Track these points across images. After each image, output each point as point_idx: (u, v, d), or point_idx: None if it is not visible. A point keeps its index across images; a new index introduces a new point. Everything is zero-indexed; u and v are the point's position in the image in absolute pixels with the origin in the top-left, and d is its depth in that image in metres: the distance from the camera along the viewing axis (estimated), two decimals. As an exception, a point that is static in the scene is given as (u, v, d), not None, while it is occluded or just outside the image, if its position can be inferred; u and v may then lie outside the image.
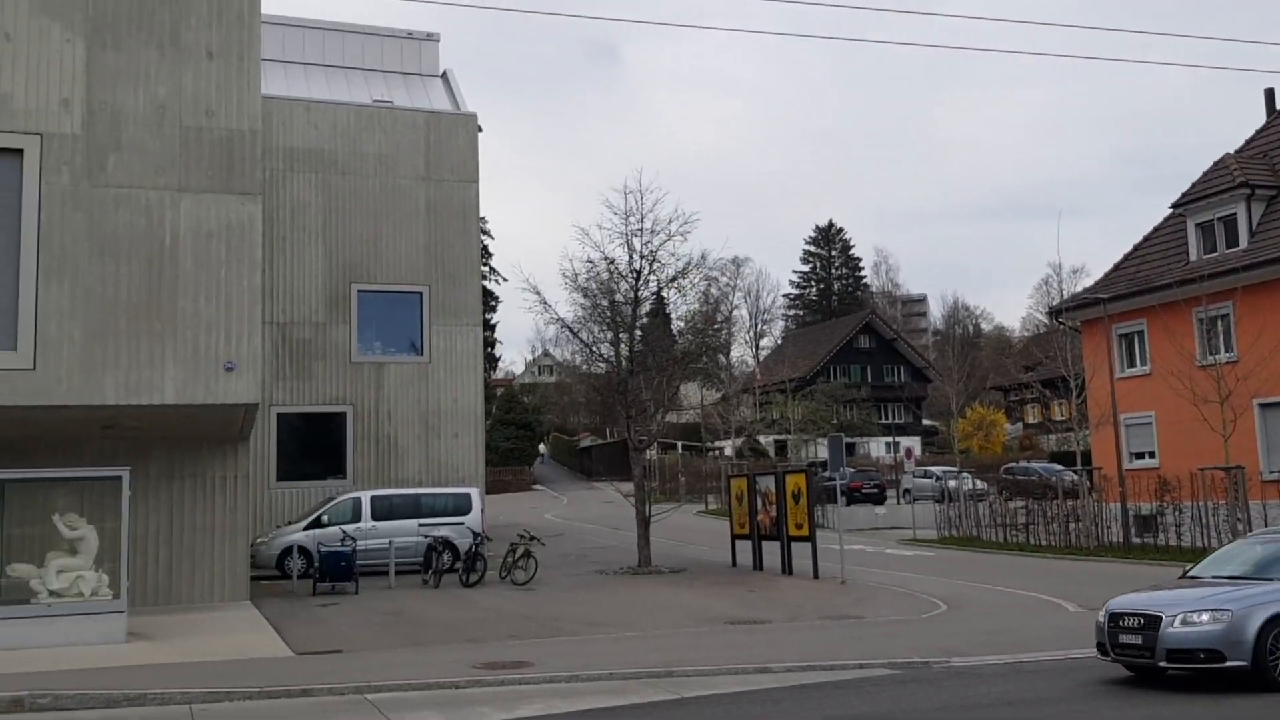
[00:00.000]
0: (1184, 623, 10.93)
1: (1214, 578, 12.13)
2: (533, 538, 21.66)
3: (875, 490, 44.88)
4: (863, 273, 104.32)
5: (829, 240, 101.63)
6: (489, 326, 66.15)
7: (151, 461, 18.15)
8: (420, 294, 28.33)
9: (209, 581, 18.39)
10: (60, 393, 15.59)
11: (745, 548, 24.23)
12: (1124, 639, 11.37)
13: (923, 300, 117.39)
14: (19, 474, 14.34)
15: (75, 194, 16.03)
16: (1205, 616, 10.86)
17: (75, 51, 16.33)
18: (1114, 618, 11.56)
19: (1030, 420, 73.41)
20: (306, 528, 23.11)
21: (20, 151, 15.93)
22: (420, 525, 23.25)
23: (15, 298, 15.65)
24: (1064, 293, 51.82)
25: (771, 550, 23.13)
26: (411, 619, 16.74)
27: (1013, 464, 50.22)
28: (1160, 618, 11.05)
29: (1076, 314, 32.82)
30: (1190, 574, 12.73)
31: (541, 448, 76.97)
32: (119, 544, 14.10)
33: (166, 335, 16.16)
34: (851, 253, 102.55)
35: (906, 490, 45.21)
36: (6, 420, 16.10)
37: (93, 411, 16.04)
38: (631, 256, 24.48)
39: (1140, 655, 11.21)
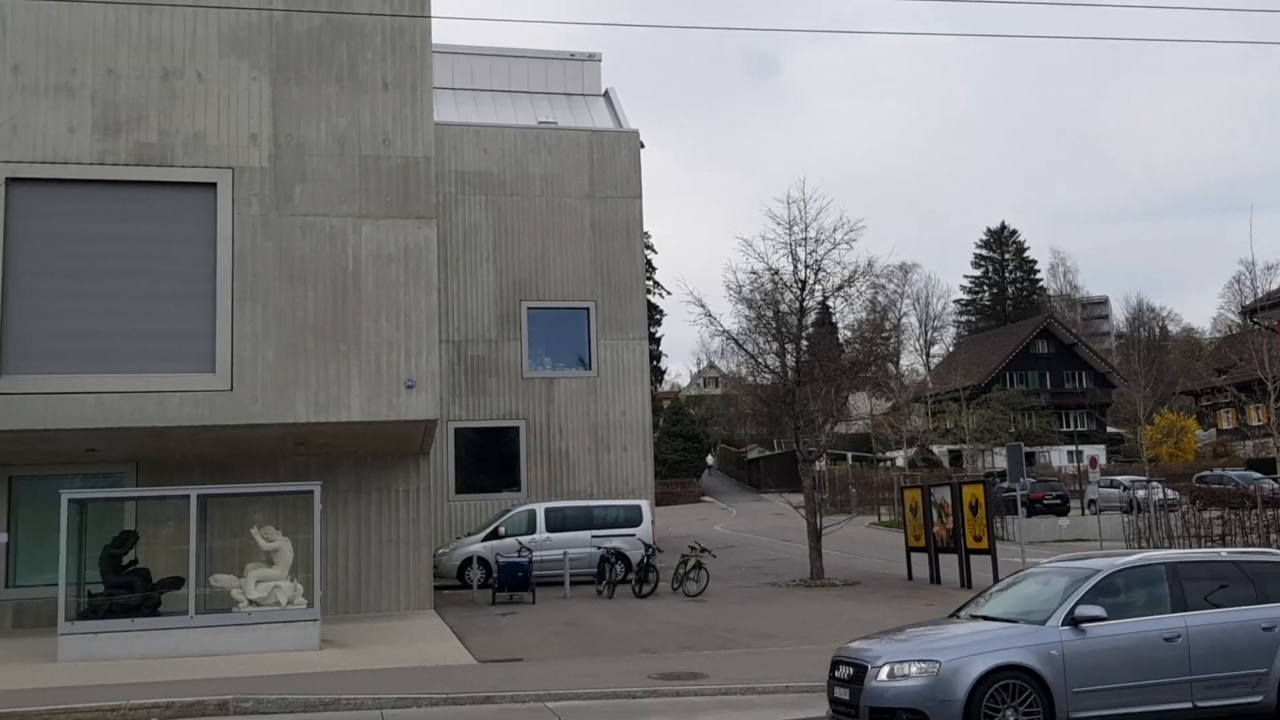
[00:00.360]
0: (890, 675, 9.09)
1: (980, 616, 10.16)
2: (703, 549, 21.67)
3: (1058, 501, 43.10)
4: (1038, 275, 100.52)
5: (1001, 243, 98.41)
6: (654, 340, 66.64)
7: (340, 476, 18.99)
8: (587, 310, 28.82)
9: (395, 591, 19.10)
10: (255, 411, 16.49)
11: (921, 560, 23.63)
12: (837, 692, 9.57)
13: (1104, 302, 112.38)
14: (220, 489, 15.23)
15: (265, 223, 16.96)
16: (913, 668, 9.03)
17: (261, 89, 17.29)
18: (833, 665, 9.79)
19: (1224, 426, 69.29)
20: (485, 539, 23.74)
21: (214, 185, 16.96)
22: (593, 537, 23.58)
23: (213, 322, 16.65)
24: (1258, 291, 48.77)
25: (949, 563, 22.49)
26: (587, 629, 16.97)
27: (1206, 472, 47.52)
28: (867, 668, 9.25)
29: (1273, 313, 30.83)
30: (962, 611, 10.65)
31: (709, 459, 76.98)
32: (312, 555, 14.79)
33: (351, 355, 16.91)
34: (1026, 255, 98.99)
35: (1091, 501, 43.28)
36: (207, 438, 17.13)
37: (286, 429, 16.90)
38: (796, 266, 24.30)
39: (847, 713, 9.39)
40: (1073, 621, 9.32)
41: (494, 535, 23.82)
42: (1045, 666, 9.04)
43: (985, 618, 10.05)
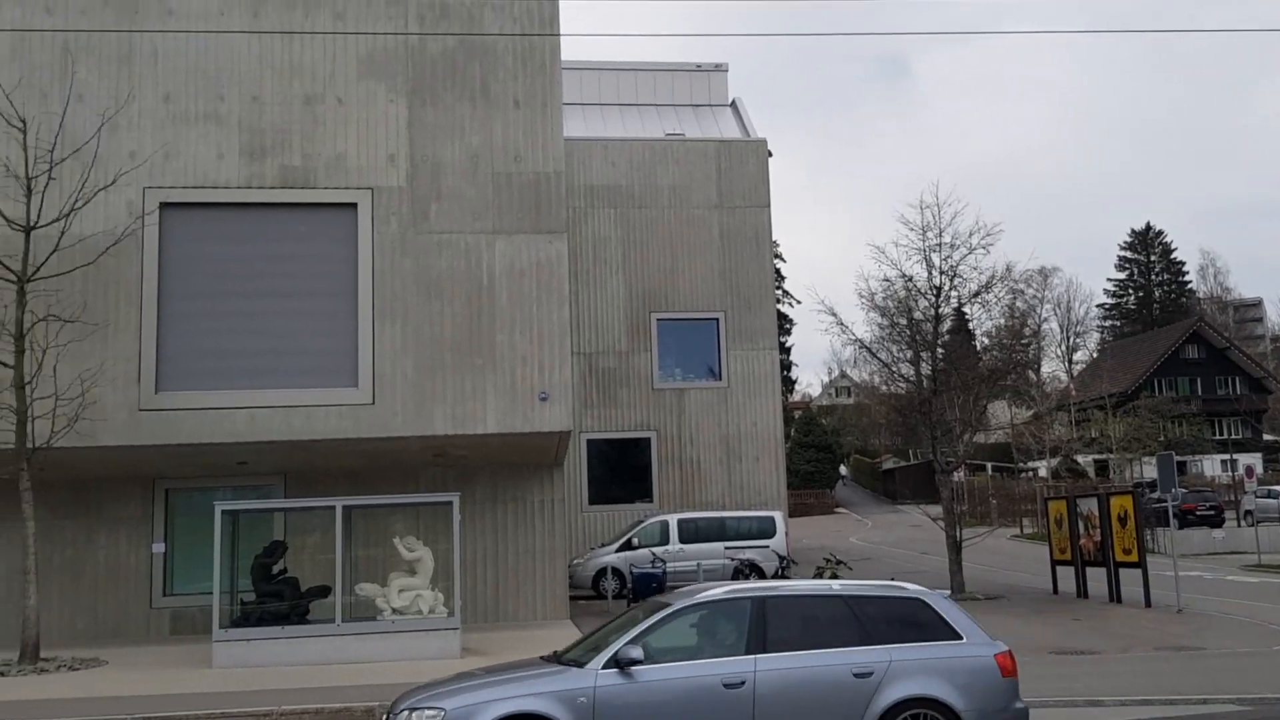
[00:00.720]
0: None
1: (563, 658, 8.82)
2: (839, 561, 21.32)
3: (1212, 512, 41.13)
4: (1187, 277, 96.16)
5: (1147, 244, 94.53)
6: (784, 350, 66.14)
7: (477, 487, 19.33)
8: (716, 320, 28.79)
9: (532, 600, 19.33)
10: (396, 425, 16.92)
11: (1066, 574, 22.79)
12: None
13: (1258, 304, 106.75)
14: (363, 500, 15.66)
15: (403, 241, 17.40)
16: (423, 715, 7.94)
17: (398, 111, 17.76)
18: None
19: (1397, 432, 65.04)
20: (618, 550, 23.86)
21: (354, 205, 17.48)
22: (726, 548, 23.47)
23: (355, 339, 17.15)
24: None
25: (1096, 576, 21.62)
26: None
27: (1375, 481, 44.70)
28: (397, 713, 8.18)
29: None
30: (569, 650, 9.13)
31: (842, 470, 75.93)
32: (451, 564, 15.06)
33: (487, 369, 17.20)
34: (1173, 256, 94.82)
35: (1248, 511, 41.17)
36: (350, 451, 17.64)
37: (425, 441, 17.29)
38: (931, 272, 23.78)
39: None
40: (616, 664, 8.15)
41: (627, 546, 23.92)
42: (568, 715, 7.90)
43: (563, 659, 8.78)
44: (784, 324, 63.67)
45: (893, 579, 11.38)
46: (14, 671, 13.78)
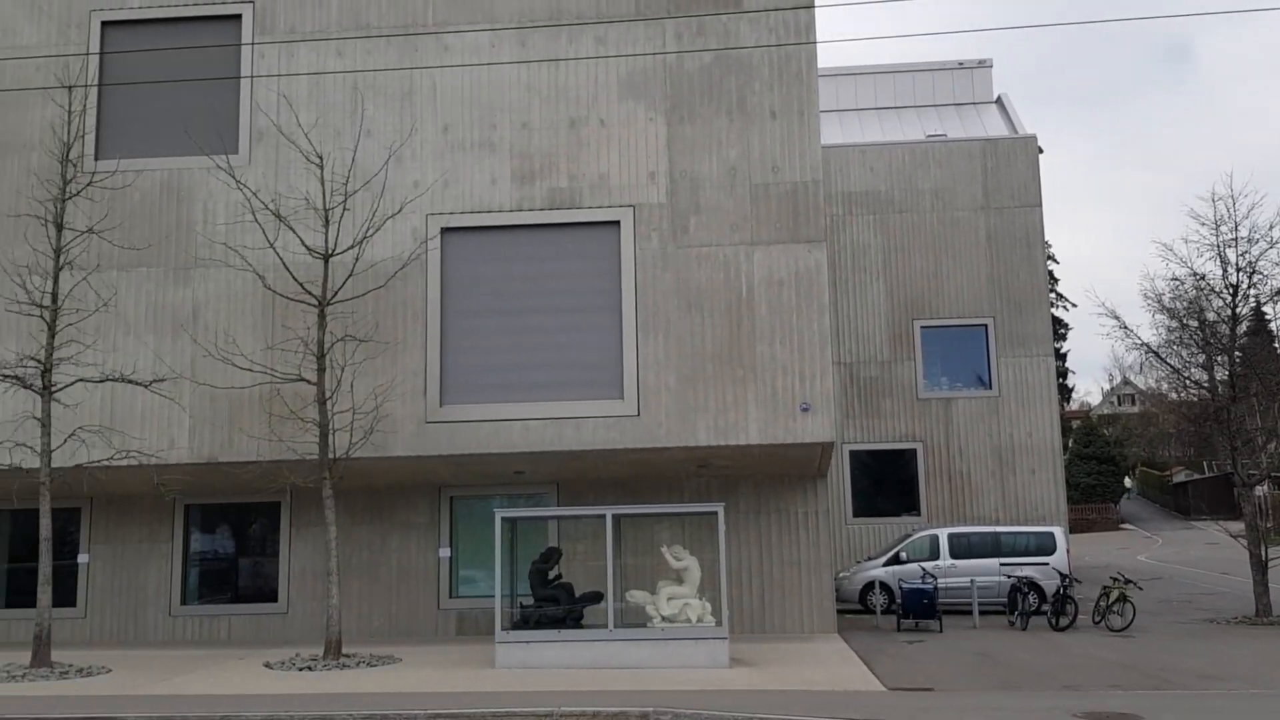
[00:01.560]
0: None
1: None
2: (1127, 581, 19.96)
3: None
4: None
5: None
6: (1060, 356, 62.78)
7: (740, 497, 19.39)
8: (985, 326, 27.72)
9: (798, 613, 19.17)
10: (660, 435, 17.23)
11: (1398, 598, 20.40)
12: None
13: None
14: (631, 509, 16.04)
15: (663, 256, 17.73)
16: None
17: (658, 129, 18.13)
18: None
19: None
20: (886, 564, 23.31)
21: (617, 223, 17.96)
22: (1001, 564, 22.47)
23: (620, 352, 17.60)
24: None
25: None
26: (1000, 661, 16.12)
27: None
28: None
29: None
30: None
31: (1126, 483, 71.21)
32: (717, 574, 15.16)
33: (748, 380, 17.24)
34: None
35: None
36: (617, 461, 18.10)
37: (689, 452, 17.51)
38: (1225, 270, 21.93)
39: None
40: None
41: (895, 560, 23.33)
42: None
43: None
44: (1059, 329, 60.48)
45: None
46: (320, 666, 14.93)
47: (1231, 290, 21.96)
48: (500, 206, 18.06)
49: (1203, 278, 22.40)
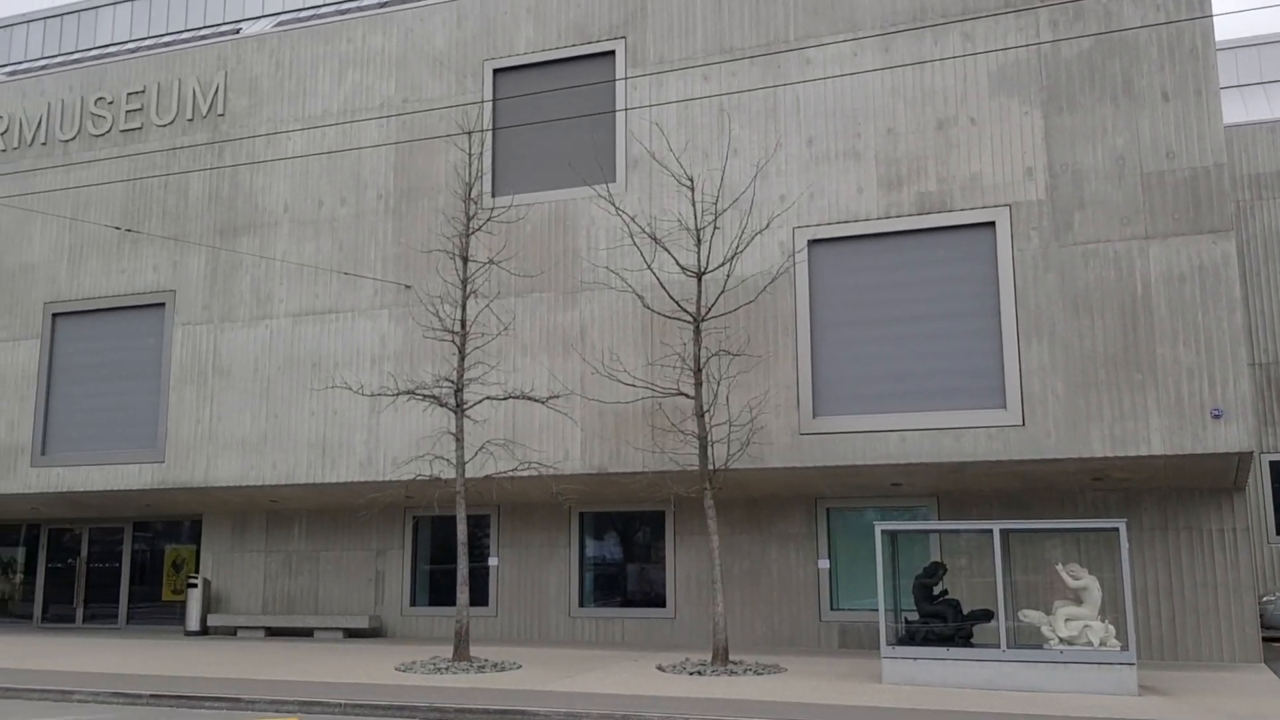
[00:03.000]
0: None
1: None
2: None
3: None
4: None
5: None
6: None
7: (1143, 513, 17.97)
8: None
9: (1215, 639, 17.46)
10: (1048, 446, 16.31)
11: None
12: None
13: None
14: (1020, 525, 15.25)
15: (1045, 255, 16.81)
16: None
17: (1033, 122, 17.25)
18: None
19: None
20: (1316, 588, 20.76)
21: (991, 224, 17.25)
22: None
23: (1000, 359, 16.87)
24: None
25: None
26: None
27: None
28: None
29: None
30: None
31: None
32: (1120, 595, 14.10)
33: (1146, 385, 15.97)
34: None
35: None
36: (1001, 473, 17.32)
37: (1081, 464, 16.45)
38: None
39: None
40: None
41: (1328, 583, 20.70)
42: None
43: None
44: None
45: None
46: (709, 672, 15.36)
47: None
48: (867, 215, 17.88)
49: None
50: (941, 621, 14.64)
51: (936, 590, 15.21)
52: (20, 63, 28.63)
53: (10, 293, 23.79)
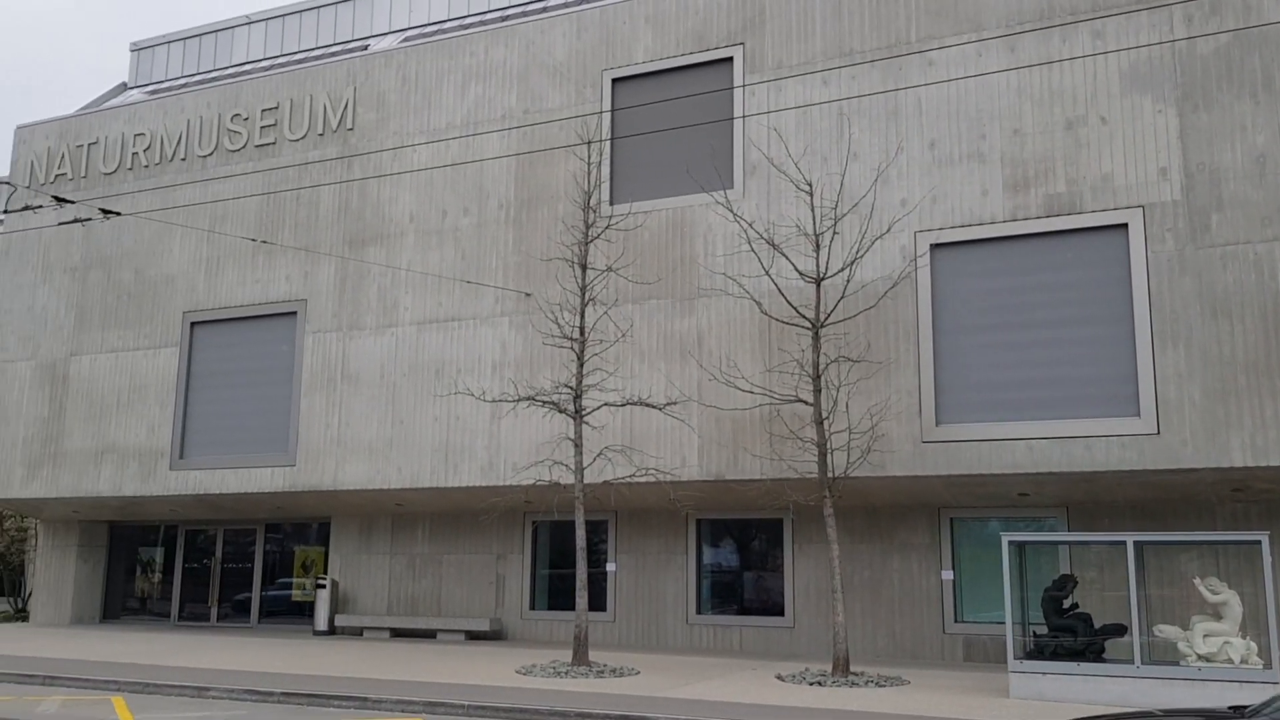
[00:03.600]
0: None
1: None
2: None
3: None
4: None
5: None
6: None
7: (1285, 526, 17.19)
8: None
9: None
10: (1184, 455, 15.73)
11: None
12: None
13: None
14: (1155, 537, 14.78)
15: (1181, 258, 16.24)
16: None
17: (1167, 120, 16.69)
18: None
19: None
20: None
21: (1124, 226, 16.74)
22: None
23: (1133, 365, 16.34)
24: None
25: None
26: None
27: None
28: None
29: None
30: None
31: None
32: (1263, 612, 13.51)
33: (1291, 391, 15.27)
34: None
35: None
36: (1134, 483, 16.75)
37: (1220, 474, 15.82)
38: None
39: None
40: None
41: None
42: None
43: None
44: None
45: None
46: (829, 682, 15.21)
47: None
48: (992, 218, 17.52)
49: None
50: (1072, 636, 14.23)
51: (1066, 604, 14.79)
52: (161, 82, 29.99)
53: (152, 302, 24.92)
